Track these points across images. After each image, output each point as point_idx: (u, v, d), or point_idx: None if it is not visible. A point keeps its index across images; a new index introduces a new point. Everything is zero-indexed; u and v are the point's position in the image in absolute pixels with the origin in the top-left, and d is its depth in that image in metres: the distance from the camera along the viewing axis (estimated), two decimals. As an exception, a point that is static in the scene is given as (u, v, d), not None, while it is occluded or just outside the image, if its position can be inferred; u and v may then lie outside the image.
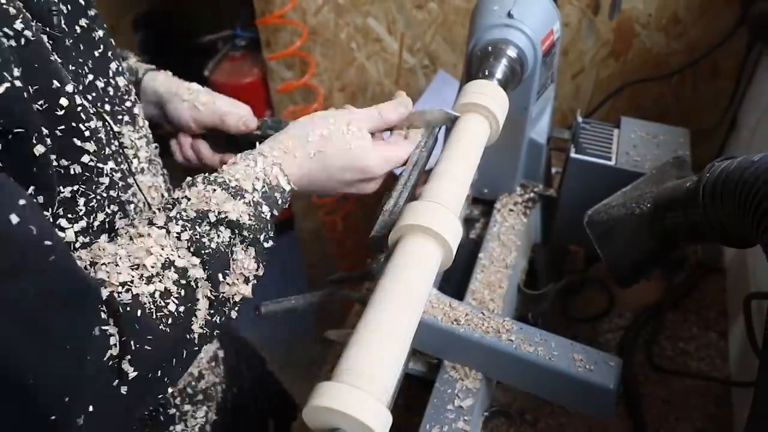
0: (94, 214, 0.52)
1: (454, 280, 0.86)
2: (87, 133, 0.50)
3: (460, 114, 0.67)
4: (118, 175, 0.55)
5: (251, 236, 0.55)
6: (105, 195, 0.53)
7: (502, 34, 0.76)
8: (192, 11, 2.25)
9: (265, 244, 0.57)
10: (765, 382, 0.53)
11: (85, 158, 0.50)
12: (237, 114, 0.76)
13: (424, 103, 1.50)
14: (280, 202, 0.59)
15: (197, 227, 0.52)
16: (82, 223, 0.51)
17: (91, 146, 0.50)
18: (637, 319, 1.00)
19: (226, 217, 0.53)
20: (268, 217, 0.57)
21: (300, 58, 1.59)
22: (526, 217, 0.92)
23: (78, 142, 0.49)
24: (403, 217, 0.54)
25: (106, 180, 0.53)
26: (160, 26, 2.28)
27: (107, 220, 0.54)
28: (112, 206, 0.54)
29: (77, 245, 0.51)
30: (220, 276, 0.53)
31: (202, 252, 0.51)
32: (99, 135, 0.52)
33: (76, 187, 0.50)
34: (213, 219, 0.53)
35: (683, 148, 0.89)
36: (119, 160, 0.56)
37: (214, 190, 0.55)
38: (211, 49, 1.86)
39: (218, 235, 0.53)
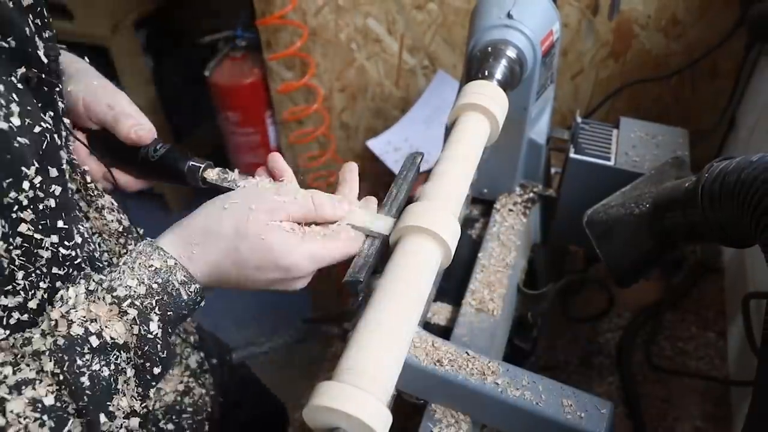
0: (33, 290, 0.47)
1: (454, 280, 0.86)
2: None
3: (461, 114, 0.67)
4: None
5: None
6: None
7: (501, 34, 0.76)
8: (193, 12, 2.25)
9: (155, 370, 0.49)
10: (764, 382, 0.54)
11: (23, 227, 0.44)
12: (135, 120, 0.64)
13: (423, 104, 1.50)
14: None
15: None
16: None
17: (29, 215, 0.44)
18: (636, 319, 1.00)
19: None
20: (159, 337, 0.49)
21: (300, 59, 1.59)
22: (526, 217, 0.92)
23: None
24: (403, 218, 0.55)
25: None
26: (161, 27, 2.29)
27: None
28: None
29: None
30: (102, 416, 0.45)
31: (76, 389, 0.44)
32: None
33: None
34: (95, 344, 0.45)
35: (682, 149, 0.89)
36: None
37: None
38: (211, 49, 1.86)
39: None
